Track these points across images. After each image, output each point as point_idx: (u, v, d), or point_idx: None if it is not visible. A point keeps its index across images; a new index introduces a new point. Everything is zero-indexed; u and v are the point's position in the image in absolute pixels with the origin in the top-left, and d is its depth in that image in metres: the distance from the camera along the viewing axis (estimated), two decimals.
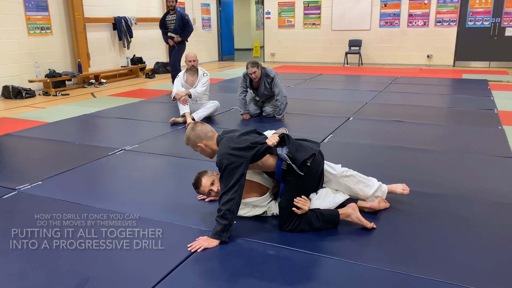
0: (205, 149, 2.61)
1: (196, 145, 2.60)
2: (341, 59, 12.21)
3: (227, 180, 2.37)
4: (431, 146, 4.23)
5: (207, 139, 2.59)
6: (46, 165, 3.78)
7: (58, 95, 7.64)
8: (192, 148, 2.66)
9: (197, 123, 2.65)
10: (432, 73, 9.90)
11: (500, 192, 3.06)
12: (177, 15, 7.39)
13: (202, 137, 2.58)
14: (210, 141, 2.60)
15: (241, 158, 2.39)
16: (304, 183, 2.52)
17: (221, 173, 2.42)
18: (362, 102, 6.38)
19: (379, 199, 2.76)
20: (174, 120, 5.27)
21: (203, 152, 2.64)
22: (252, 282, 2.04)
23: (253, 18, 19.45)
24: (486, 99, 6.52)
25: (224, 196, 2.37)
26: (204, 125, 2.64)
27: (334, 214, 2.55)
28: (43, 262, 2.24)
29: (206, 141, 2.59)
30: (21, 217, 2.80)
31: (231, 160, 2.37)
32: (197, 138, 2.58)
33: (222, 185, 2.40)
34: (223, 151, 2.43)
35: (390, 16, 11.55)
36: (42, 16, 7.99)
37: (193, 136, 2.59)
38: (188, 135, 2.61)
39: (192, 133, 2.59)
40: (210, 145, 2.60)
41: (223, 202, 2.36)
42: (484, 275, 2.08)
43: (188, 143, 2.64)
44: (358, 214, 2.53)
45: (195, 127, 2.61)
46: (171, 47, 7.64)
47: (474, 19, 10.86)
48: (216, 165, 2.46)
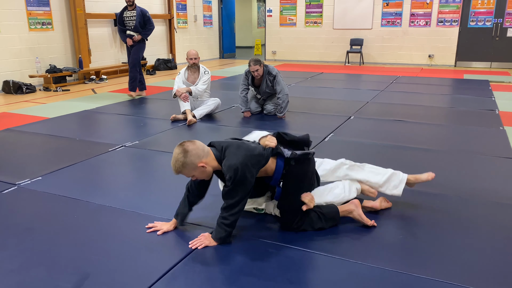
0: (206, 169, 2.28)
1: (196, 167, 2.24)
2: (342, 58, 12.19)
3: (238, 191, 2.24)
4: (432, 146, 4.22)
5: (206, 155, 2.27)
6: (46, 161, 3.77)
7: (58, 91, 7.62)
8: (186, 176, 2.29)
9: (184, 144, 2.26)
10: (433, 73, 9.88)
11: (501, 193, 3.05)
12: (137, 11, 6.72)
13: (201, 156, 2.25)
14: (209, 157, 2.29)
15: (256, 166, 2.30)
16: (303, 184, 2.50)
17: (234, 182, 2.22)
18: (363, 101, 6.37)
19: (381, 198, 2.76)
20: (175, 117, 5.26)
21: (202, 174, 2.30)
22: (252, 281, 2.04)
23: (254, 16, 19.43)
24: (488, 100, 6.51)
25: (232, 206, 2.27)
26: (195, 142, 2.29)
27: (334, 211, 2.54)
28: (42, 258, 2.23)
29: (205, 158, 2.27)
30: (21, 212, 2.80)
31: (249, 170, 2.23)
32: (196, 158, 2.23)
33: (233, 194, 2.25)
34: (241, 161, 2.22)
35: (392, 16, 11.53)
36: (43, 11, 7.97)
37: (190, 158, 2.21)
38: (183, 160, 2.20)
39: (188, 156, 2.20)
40: (210, 161, 2.29)
41: (230, 212, 2.28)
42: (485, 275, 2.07)
43: (183, 169, 2.23)
44: (360, 211, 2.53)
45: (187, 147, 2.22)
46: (129, 46, 6.91)
47: (476, 19, 10.84)
48: (227, 172, 2.22)
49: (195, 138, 4.59)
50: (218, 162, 2.32)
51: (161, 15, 11.05)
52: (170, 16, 11.27)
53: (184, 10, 12.00)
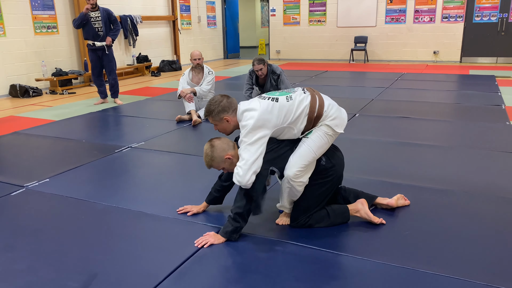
0: (233, 161, 2.34)
1: (224, 160, 2.34)
2: (346, 56, 12.16)
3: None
4: (438, 142, 4.21)
5: (231, 149, 2.36)
6: (53, 163, 3.81)
7: (64, 94, 7.68)
8: (217, 169, 2.40)
9: (211, 140, 2.37)
10: (438, 69, 9.83)
11: (509, 188, 3.03)
12: (101, 12, 6.28)
13: (227, 149, 2.34)
14: (235, 150, 2.37)
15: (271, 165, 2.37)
16: (323, 186, 2.46)
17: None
18: (368, 99, 6.36)
19: (398, 195, 2.75)
20: (180, 117, 5.28)
21: (230, 166, 2.36)
22: (258, 278, 2.04)
23: (258, 16, 19.44)
24: (494, 95, 6.46)
25: (245, 195, 2.30)
26: (220, 138, 2.39)
27: (343, 208, 2.53)
28: (51, 258, 2.25)
29: (231, 151, 2.35)
30: (29, 213, 2.82)
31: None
32: (222, 151, 2.33)
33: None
34: None
35: (396, 13, 11.49)
36: (49, 15, 8.03)
37: (217, 152, 2.33)
38: (211, 155, 2.33)
39: (215, 150, 2.33)
40: (236, 154, 2.36)
41: (238, 204, 2.31)
42: (492, 270, 2.06)
43: (212, 163, 2.36)
44: (367, 209, 2.52)
45: (214, 143, 2.35)
46: (96, 53, 6.42)
47: (481, 14, 10.76)
48: None
49: (200, 138, 4.67)
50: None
51: (165, 16, 11.09)
52: (174, 17, 11.30)
53: (187, 11, 12.03)
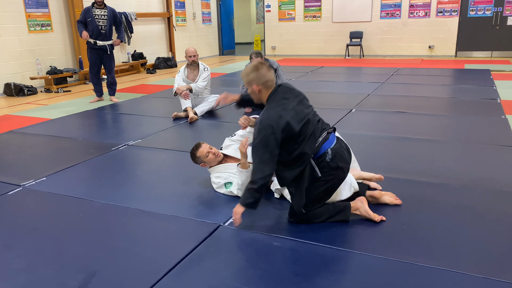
0: (256, 94, 2.41)
1: (251, 85, 2.40)
2: (342, 51, 12.16)
3: (259, 148, 2.28)
4: (435, 136, 4.22)
5: (266, 88, 2.39)
6: (50, 161, 3.79)
7: (60, 92, 7.64)
8: (244, 83, 2.47)
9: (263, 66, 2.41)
10: (434, 64, 9.85)
11: (504, 181, 3.05)
12: (108, 11, 6.23)
13: (261, 82, 2.37)
14: (265, 91, 2.40)
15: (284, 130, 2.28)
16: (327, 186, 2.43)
17: (258, 135, 2.29)
18: (364, 94, 6.37)
19: (389, 193, 2.74)
20: (176, 114, 5.27)
21: (253, 94, 2.45)
22: (258, 274, 2.05)
23: (253, 12, 19.37)
24: (489, 89, 6.49)
25: (260, 168, 2.28)
26: (270, 71, 2.42)
27: (345, 205, 2.51)
28: (50, 257, 2.25)
29: (264, 89, 2.39)
30: (27, 212, 2.82)
31: (274, 127, 2.26)
32: (255, 79, 2.38)
33: (257, 150, 2.29)
34: (270, 115, 2.29)
35: (391, 7, 11.49)
36: (42, 13, 7.98)
37: (253, 75, 2.38)
38: (248, 72, 2.41)
39: (254, 73, 2.39)
40: (264, 94, 2.40)
41: (259, 176, 2.27)
42: (490, 263, 2.08)
43: (244, 77, 2.44)
44: (367, 207, 2.50)
45: (261, 67, 2.39)
46: (97, 52, 6.35)
47: (475, 8, 10.79)
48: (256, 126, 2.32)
49: (197, 135, 4.66)
50: (263, 99, 2.43)
51: (159, 13, 11.04)
52: (169, 14, 11.25)
53: (182, 8, 11.98)
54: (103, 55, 6.41)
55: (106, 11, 6.25)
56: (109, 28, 6.31)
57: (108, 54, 6.42)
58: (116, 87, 6.68)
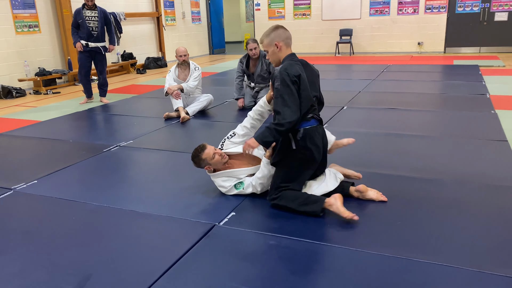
0: (277, 52, 2.62)
1: (272, 43, 2.61)
2: (332, 49, 12.19)
3: (284, 94, 2.48)
4: (426, 132, 4.25)
5: (285, 45, 2.62)
6: (41, 164, 3.75)
7: (49, 94, 7.56)
8: (263, 47, 2.67)
9: (281, 26, 2.65)
10: (423, 60, 9.92)
11: (496, 175, 3.08)
12: (99, 12, 6.13)
13: (282, 39, 2.60)
14: (286, 49, 2.64)
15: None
16: (296, 164, 2.61)
17: (279, 83, 2.51)
18: (355, 91, 6.39)
19: (376, 191, 2.74)
20: (168, 114, 5.24)
21: (273, 55, 2.64)
22: (255, 273, 2.05)
23: (242, 10, 19.34)
24: (478, 84, 6.55)
25: (284, 112, 2.45)
26: (288, 31, 2.66)
27: (318, 198, 2.55)
28: (43, 261, 2.22)
29: (283, 45, 2.61)
30: (19, 216, 2.78)
31: (291, 72, 2.51)
32: (277, 37, 2.60)
33: (280, 98, 2.48)
34: (285, 66, 2.56)
35: (380, 4, 11.55)
36: (30, 14, 7.88)
37: (274, 34, 2.60)
38: (268, 33, 2.62)
39: (274, 32, 2.61)
40: (283, 50, 2.63)
41: (284, 120, 2.45)
42: (484, 257, 2.10)
43: (265, 38, 2.63)
44: (339, 204, 2.47)
45: (279, 27, 2.63)
46: (89, 54, 6.25)
47: (463, 5, 10.88)
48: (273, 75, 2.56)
49: (189, 135, 4.65)
50: (281, 58, 2.65)
51: (149, 13, 10.97)
52: (158, 13, 11.19)
53: (171, 7, 11.92)
54: (95, 56, 6.34)
55: (97, 12, 6.17)
56: (101, 29, 6.23)
57: (100, 55, 6.36)
58: (107, 88, 6.63)
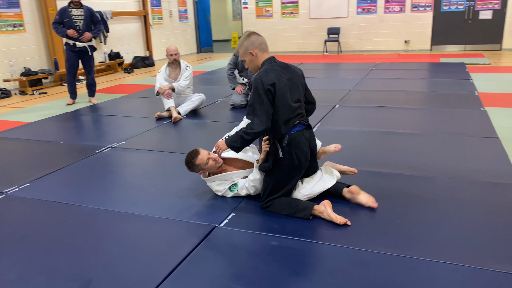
0: (253, 59, 2.63)
1: (247, 52, 2.62)
2: (320, 48, 12.23)
3: (255, 102, 2.48)
4: (418, 129, 4.29)
5: (261, 50, 2.62)
6: (32, 167, 3.67)
7: (35, 94, 7.41)
8: (240, 56, 2.68)
9: (253, 33, 2.66)
10: (410, 58, 10.02)
11: (490, 172, 3.12)
12: (85, 11, 6.04)
13: (256, 45, 2.61)
14: (261, 55, 2.63)
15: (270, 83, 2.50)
16: (290, 171, 2.61)
17: (252, 92, 2.51)
18: (346, 90, 6.42)
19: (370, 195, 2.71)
20: (160, 114, 5.19)
21: (251, 63, 2.66)
22: (258, 274, 2.03)
23: (229, 9, 19.28)
24: (466, 82, 6.64)
25: (253, 122, 2.47)
26: (261, 36, 2.66)
27: (306, 205, 2.56)
28: (41, 266, 2.17)
29: (259, 52, 2.62)
30: (13, 220, 2.72)
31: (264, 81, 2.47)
32: (250, 45, 2.61)
33: (251, 106, 2.50)
34: (260, 74, 2.53)
35: (367, 3, 11.61)
36: (14, 13, 7.71)
37: (247, 43, 2.61)
38: (242, 42, 2.64)
39: (246, 40, 2.62)
40: (259, 57, 2.63)
41: (251, 129, 2.47)
42: (482, 254, 2.12)
43: (239, 48, 2.65)
44: (330, 211, 2.48)
45: (251, 34, 2.63)
46: (77, 54, 6.16)
47: (448, 3, 11.01)
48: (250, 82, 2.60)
49: (183, 135, 4.61)
50: (259, 65, 2.65)
51: (136, 11, 10.85)
52: (145, 12, 11.07)
53: (158, 6, 11.80)
54: (83, 56, 6.23)
55: (83, 11, 6.07)
56: (86, 28, 6.11)
57: (88, 55, 6.24)
58: (95, 88, 6.53)
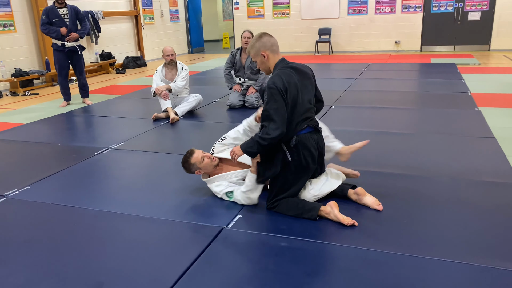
0: (265, 61, 2.63)
1: (259, 54, 2.62)
2: (311, 48, 12.28)
3: (271, 106, 2.45)
4: (415, 130, 4.34)
5: (272, 52, 2.61)
6: (31, 169, 3.62)
7: (27, 95, 7.32)
8: (252, 58, 2.68)
9: (265, 34, 2.64)
10: (401, 59, 10.12)
11: (489, 172, 3.17)
12: (69, 10, 5.96)
13: (267, 47, 2.60)
14: (274, 56, 2.62)
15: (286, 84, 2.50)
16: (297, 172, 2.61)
17: (267, 95, 2.49)
18: (340, 90, 6.46)
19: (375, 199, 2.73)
20: (157, 115, 5.16)
21: (262, 64, 2.66)
22: (270, 276, 2.04)
23: (219, 9, 19.24)
24: (458, 82, 6.73)
25: (270, 126, 2.44)
26: (273, 37, 2.66)
27: (313, 206, 2.58)
28: (49, 270, 2.15)
29: (270, 54, 2.61)
30: (15, 224, 2.68)
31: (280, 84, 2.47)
32: (262, 46, 2.60)
33: (267, 109, 2.46)
34: (274, 77, 2.52)
35: (358, 4, 11.70)
36: (4, 13, 7.60)
37: (259, 44, 2.61)
38: (253, 43, 2.63)
39: (258, 41, 2.61)
40: (271, 58, 2.62)
41: (268, 135, 2.44)
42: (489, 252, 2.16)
43: (251, 49, 2.65)
44: (336, 212, 2.50)
45: (263, 35, 2.63)
46: (66, 54, 6.07)
47: (438, 4, 11.16)
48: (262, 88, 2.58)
49: (181, 136, 4.60)
50: (271, 67, 2.65)
51: (127, 11, 10.77)
52: (137, 12, 11.00)
53: (150, 6, 11.74)
54: (73, 56, 6.15)
55: (67, 10, 5.97)
56: (72, 27, 6.01)
57: (78, 55, 6.17)
58: (88, 89, 6.46)
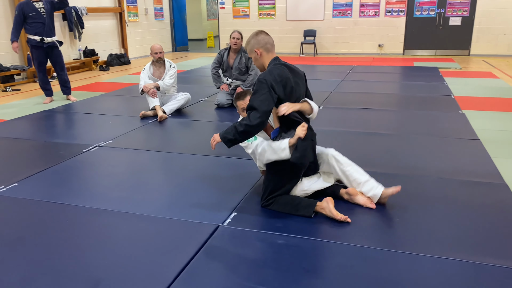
0: (258, 59, 2.68)
1: (253, 50, 2.67)
2: (296, 49, 12.36)
3: (255, 98, 2.48)
4: (401, 131, 4.42)
5: (266, 50, 2.65)
6: (18, 166, 3.55)
7: (8, 91, 7.15)
8: (248, 54, 2.74)
9: (262, 32, 2.69)
10: (385, 62, 10.29)
11: (476, 172, 3.26)
12: (45, 4, 5.78)
13: (261, 45, 2.64)
14: (267, 54, 2.66)
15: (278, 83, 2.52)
16: (292, 170, 2.65)
17: (253, 89, 2.53)
18: (327, 91, 6.52)
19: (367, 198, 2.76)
20: (144, 113, 5.12)
21: (256, 61, 2.71)
22: (268, 273, 2.05)
23: (204, 8, 19.17)
24: (441, 86, 6.89)
25: (250, 117, 2.45)
26: (268, 36, 2.70)
27: (309, 202, 2.61)
28: (45, 267, 2.11)
29: (264, 52, 2.65)
30: (5, 221, 2.62)
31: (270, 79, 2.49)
32: (256, 43, 2.65)
33: (252, 101, 2.48)
34: (266, 74, 2.54)
35: (342, 6, 11.84)
36: None
37: (254, 41, 2.66)
38: (249, 39, 2.69)
39: (254, 39, 2.67)
40: (264, 57, 2.67)
41: (247, 122, 2.44)
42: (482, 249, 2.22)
43: (246, 46, 2.72)
44: (331, 208, 2.54)
45: (259, 33, 2.68)
46: (44, 50, 5.88)
47: (421, 9, 11.38)
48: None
49: (169, 135, 4.58)
50: (264, 64, 2.69)
51: (111, 8, 10.63)
52: (121, 9, 10.86)
53: (134, 3, 11.61)
54: (52, 52, 6.00)
55: (43, 4, 5.80)
56: (50, 22, 5.86)
57: (57, 50, 6.04)
58: (70, 85, 6.35)
